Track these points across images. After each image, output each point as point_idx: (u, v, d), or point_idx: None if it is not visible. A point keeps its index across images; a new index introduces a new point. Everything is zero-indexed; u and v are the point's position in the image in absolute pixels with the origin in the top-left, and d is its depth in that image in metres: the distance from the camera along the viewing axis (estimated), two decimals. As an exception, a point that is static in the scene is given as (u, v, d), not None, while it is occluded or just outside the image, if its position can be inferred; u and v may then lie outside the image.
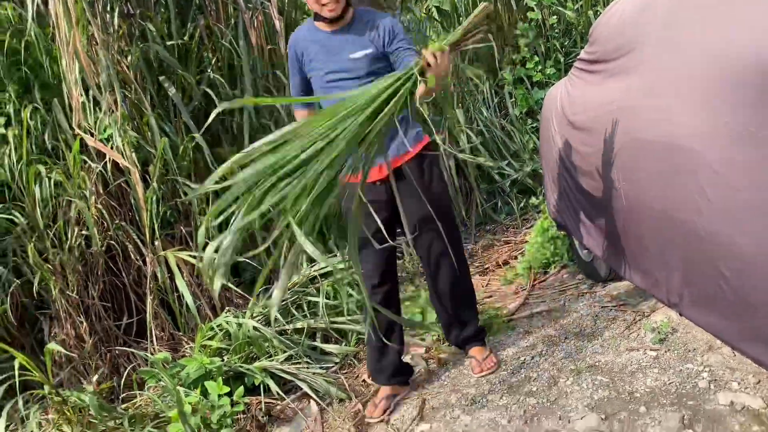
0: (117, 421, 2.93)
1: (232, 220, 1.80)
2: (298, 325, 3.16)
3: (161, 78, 3.78)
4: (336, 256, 3.71)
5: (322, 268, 3.53)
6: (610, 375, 2.39)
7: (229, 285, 3.34)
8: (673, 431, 1.96)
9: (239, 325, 2.99)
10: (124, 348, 3.46)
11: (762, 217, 1.78)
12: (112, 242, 3.59)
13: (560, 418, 2.19)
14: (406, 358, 2.99)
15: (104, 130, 3.51)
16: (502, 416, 2.30)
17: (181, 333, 3.60)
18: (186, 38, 3.98)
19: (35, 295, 3.41)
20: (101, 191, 3.57)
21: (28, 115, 3.41)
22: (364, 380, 2.89)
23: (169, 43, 3.86)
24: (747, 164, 1.81)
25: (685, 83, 2.10)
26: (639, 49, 2.45)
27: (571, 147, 3.11)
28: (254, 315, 3.15)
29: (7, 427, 2.85)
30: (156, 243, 3.54)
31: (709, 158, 1.99)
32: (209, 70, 4.00)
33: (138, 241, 3.58)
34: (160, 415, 2.86)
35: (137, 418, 2.89)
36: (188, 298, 3.27)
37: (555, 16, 5.50)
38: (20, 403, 2.75)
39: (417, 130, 2.57)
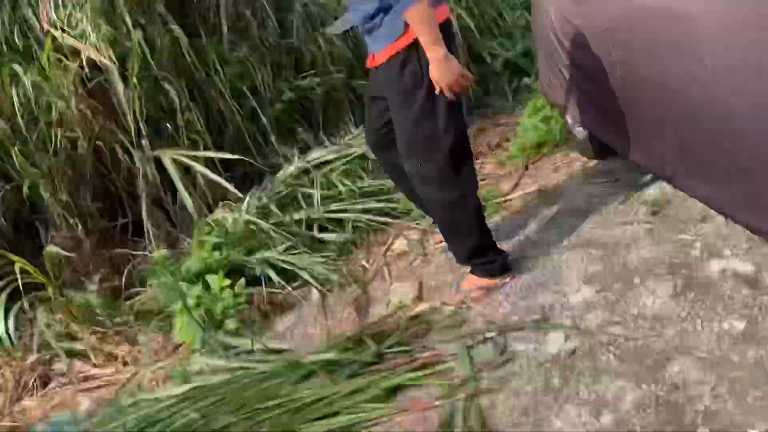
0: (123, 317, 3.01)
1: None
2: (295, 216, 3.16)
3: (131, -35, 3.56)
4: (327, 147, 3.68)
5: (315, 159, 3.50)
6: (605, 249, 2.42)
7: (222, 181, 3.31)
8: (665, 299, 2.01)
9: (235, 219, 2.99)
10: (122, 249, 3.48)
11: (758, 78, 1.74)
12: (99, 143, 3.52)
13: (555, 292, 2.24)
14: (402, 242, 3.03)
15: (76, 26, 3.35)
16: (498, 293, 2.35)
17: (177, 230, 3.62)
18: None
19: (26, 200, 3.39)
20: (80, 91, 3.46)
21: (-6, 13, 3.24)
22: (362, 265, 2.94)
23: (134, -74, 3.61)
24: (744, 25, 1.75)
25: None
26: None
27: (566, 20, 3.00)
28: (249, 209, 3.15)
29: (16, 328, 2.92)
30: (143, 142, 3.48)
31: (706, 23, 1.92)
32: (182, -43, 3.77)
33: (125, 140, 3.51)
34: (164, 310, 2.94)
35: (142, 314, 2.96)
36: (186, 197, 3.25)
37: None
38: (26, 304, 2.79)
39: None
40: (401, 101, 2.19)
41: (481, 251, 2.41)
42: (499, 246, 2.49)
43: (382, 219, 3.20)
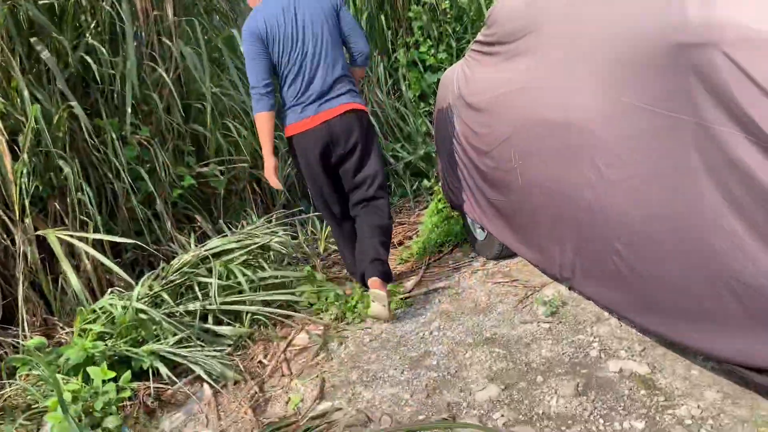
0: (-18, 414, 2.66)
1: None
2: (189, 306, 3.00)
3: (33, 40, 3.44)
4: (227, 236, 3.58)
5: (213, 248, 3.38)
6: (507, 347, 2.45)
7: (112, 265, 3.11)
8: (568, 398, 2.04)
9: (124, 307, 2.79)
10: (-10, 336, 3.13)
11: (650, 188, 1.88)
12: (-25, 219, 3.24)
13: (461, 390, 2.22)
14: (303, 337, 2.93)
15: (-36, 95, 3.15)
16: (404, 391, 2.30)
17: (55, 318, 3.33)
18: (61, -2, 3.65)
19: None
20: (-39, 162, 3.20)
21: None
22: (260, 361, 2.80)
23: (41, 1, 3.53)
24: (639, 138, 1.90)
25: (581, 63, 2.18)
26: (537, 31, 2.51)
27: (468, 128, 3.16)
28: (140, 297, 2.96)
29: None
30: (26, 221, 3.23)
31: (603, 135, 2.07)
32: (87, 35, 3.70)
33: (5, 218, 3.25)
34: (33, 406, 2.63)
35: (7, 410, 2.63)
36: (73, 279, 3.01)
37: (447, 1, 5.59)
38: None
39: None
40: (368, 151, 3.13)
41: None
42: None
43: (283, 312, 3.10)
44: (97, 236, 3.29)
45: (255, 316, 3.08)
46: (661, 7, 1.75)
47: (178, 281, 3.19)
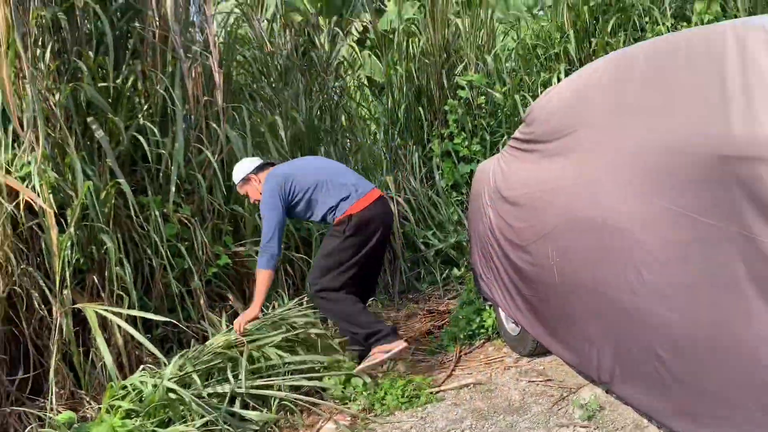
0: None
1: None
2: (218, 389, 2.98)
3: (89, 119, 3.62)
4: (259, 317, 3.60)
5: (248, 334, 3.38)
6: (542, 451, 2.38)
7: (147, 343, 3.12)
8: None
9: (155, 386, 2.79)
10: (19, 407, 3.14)
11: (694, 297, 1.87)
12: (16, 288, 3.30)
13: (495, 495, 2.14)
14: (331, 427, 2.88)
15: (21, 168, 3.29)
16: (434, 492, 2.22)
17: (83, 392, 3.32)
18: (119, 81, 3.85)
19: None
20: (9, 233, 3.31)
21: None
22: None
23: (101, 84, 3.73)
24: (681, 246, 1.91)
25: (621, 167, 2.22)
26: (576, 133, 2.57)
27: (504, 221, 3.19)
28: (170, 377, 2.95)
29: None
30: (65, 292, 3.29)
31: (643, 238, 2.08)
32: (140, 116, 3.88)
33: (45, 288, 3.32)
34: (55, 484, 2.60)
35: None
36: (106, 355, 3.03)
37: (483, 96, 5.76)
38: None
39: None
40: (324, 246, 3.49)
41: (370, 333, 3.25)
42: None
43: (311, 399, 3.06)
44: (133, 312, 3.32)
45: (283, 401, 3.05)
46: (706, 121, 1.80)
47: (210, 362, 3.18)
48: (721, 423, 1.80)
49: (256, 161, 3.61)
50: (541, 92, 3.79)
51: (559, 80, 5.32)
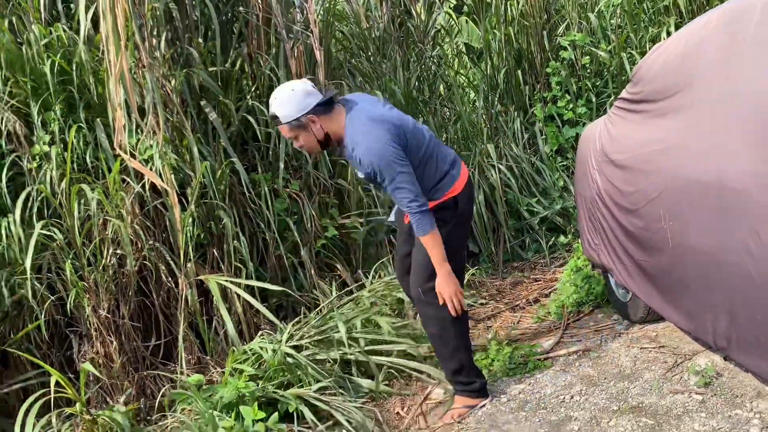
0: (145, 443, 2.91)
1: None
2: (331, 354, 3.13)
3: (202, 103, 3.84)
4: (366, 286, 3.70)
5: (354, 297, 3.51)
6: (655, 417, 2.34)
7: (265, 311, 3.32)
8: (727, 478, 1.91)
9: (274, 350, 2.97)
10: (154, 371, 3.45)
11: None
12: (145, 262, 3.60)
13: (606, 460, 2.14)
14: (440, 392, 2.96)
15: (144, 152, 3.55)
16: (543, 455, 2.25)
17: (208, 357, 3.59)
18: (228, 65, 4.05)
19: (68, 312, 3.42)
20: (137, 212, 3.59)
21: (73, 134, 3.45)
22: (397, 413, 2.85)
23: (211, 69, 3.93)
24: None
25: (738, 123, 2.10)
26: (688, 89, 2.45)
27: (612, 185, 3.10)
28: (287, 341, 3.13)
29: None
30: (189, 265, 3.55)
31: (762, 200, 1.97)
32: (248, 97, 4.06)
33: (171, 262, 3.59)
34: (189, 440, 2.84)
35: (166, 441, 2.86)
36: (228, 323, 3.25)
37: (587, 57, 5.55)
38: (53, 419, 2.72)
39: None
40: (419, 245, 2.66)
41: (464, 371, 2.74)
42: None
43: (419, 366, 3.15)
44: (251, 282, 3.53)
45: (390, 369, 3.15)
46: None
47: (322, 327, 3.34)
48: None
49: (315, 94, 2.57)
50: (649, 49, 3.60)
51: (668, 35, 5.02)
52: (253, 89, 4.11)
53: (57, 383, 2.71)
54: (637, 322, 3.26)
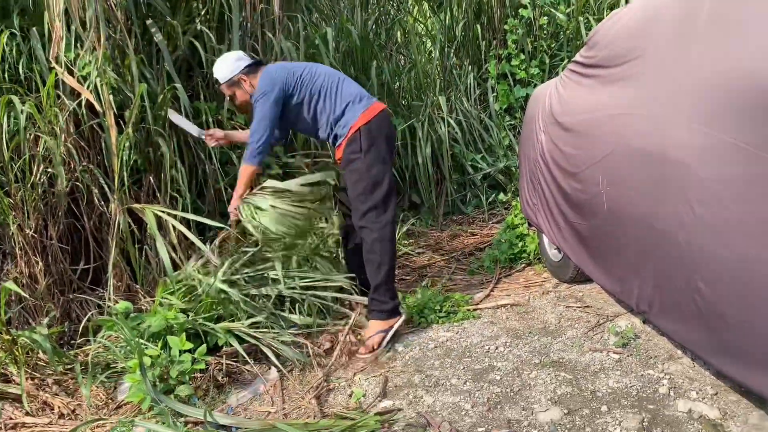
0: (66, 366, 2.85)
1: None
2: (263, 291, 3.11)
3: (148, 22, 3.65)
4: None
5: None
6: (574, 372, 2.44)
7: (200, 244, 3.25)
8: (633, 432, 2.02)
9: (208, 284, 2.92)
10: (81, 295, 3.36)
11: (748, 235, 1.84)
12: (77, 184, 3.46)
13: (523, 409, 2.23)
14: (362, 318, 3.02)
15: (83, 68, 3.37)
16: (465, 401, 2.32)
17: (138, 285, 3.52)
18: (178, -16, 3.85)
19: (-10, 228, 3.27)
20: (72, 130, 3.43)
21: (4, 40, 3.23)
22: (326, 350, 2.87)
23: (160, -14, 3.73)
24: (741, 182, 1.86)
25: (686, 96, 2.15)
26: (641, 58, 2.48)
27: (556, 147, 3.15)
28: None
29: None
30: (123, 191, 3.43)
31: (700, 172, 2.03)
32: (197, 21, 3.88)
33: (105, 185, 3.47)
34: (112, 366, 2.80)
35: (89, 366, 2.81)
36: (162, 251, 3.16)
37: (545, 17, 5.54)
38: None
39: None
40: (350, 184, 3.01)
41: (381, 288, 2.95)
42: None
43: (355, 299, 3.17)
44: (187, 215, 3.44)
45: (321, 306, 3.17)
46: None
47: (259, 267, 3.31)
48: (761, 362, 1.81)
49: (245, 59, 3.18)
50: (607, 15, 3.62)
51: (627, 2, 5.06)
52: (203, 13, 3.93)
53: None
54: (566, 281, 3.37)
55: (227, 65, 3.14)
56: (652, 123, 2.30)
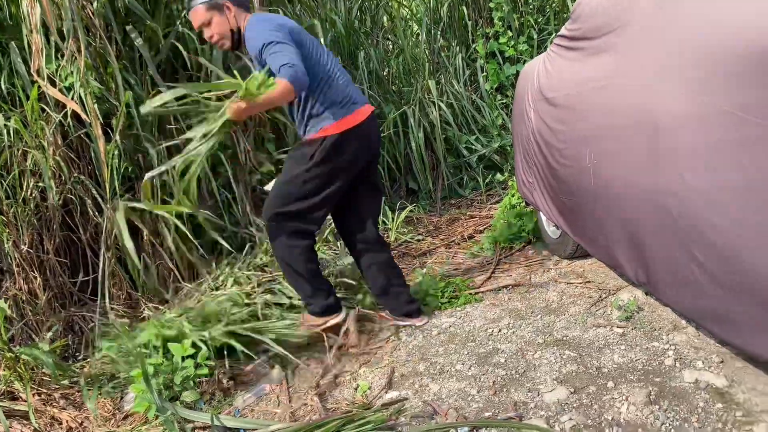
0: (72, 379, 2.85)
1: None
2: (266, 297, 3.10)
3: (128, 28, 3.61)
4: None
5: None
6: (578, 350, 2.42)
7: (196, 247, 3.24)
8: (640, 406, 2.00)
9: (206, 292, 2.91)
10: (81, 310, 3.36)
11: (741, 201, 1.81)
12: (70, 196, 3.44)
13: (529, 390, 2.21)
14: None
15: (65, 79, 3.34)
16: (471, 386, 2.31)
17: (138, 293, 3.51)
18: (155, -13, 3.81)
19: (-15, 247, 3.26)
20: (60, 142, 3.41)
21: (-17, 57, 3.21)
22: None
23: (137, -10, 3.69)
24: (730, 147, 1.83)
25: (674, 65, 2.11)
26: (625, 28, 2.44)
27: (546, 124, 3.11)
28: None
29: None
30: (116, 199, 3.41)
31: (689, 140, 2.00)
32: (178, 23, 3.84)
33: (97, 196, 3.45)
34: (117, 376, 2.80)
35: (93, 378, 2.81)
36: (134, 257, 3.15)
37: (530, -8, 5.49)
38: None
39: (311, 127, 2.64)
40: (284, 172, 2.72)
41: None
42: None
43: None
44: (182, 209, 3.41)
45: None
46: (762, 12, 1.67)
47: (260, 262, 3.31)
48: (761, 328, 1.79)
49: None
50: (591, -15, 3.57)
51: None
52: (183, 15, 3.89)
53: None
54: (566, 258, 3.35)
55: None
56: (639, 93, 2.27)
